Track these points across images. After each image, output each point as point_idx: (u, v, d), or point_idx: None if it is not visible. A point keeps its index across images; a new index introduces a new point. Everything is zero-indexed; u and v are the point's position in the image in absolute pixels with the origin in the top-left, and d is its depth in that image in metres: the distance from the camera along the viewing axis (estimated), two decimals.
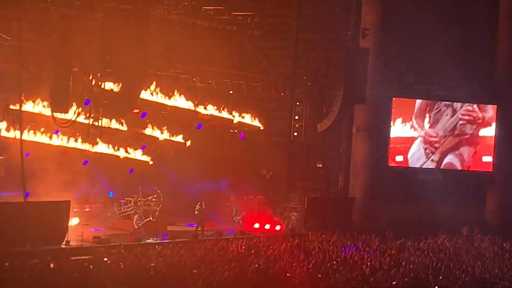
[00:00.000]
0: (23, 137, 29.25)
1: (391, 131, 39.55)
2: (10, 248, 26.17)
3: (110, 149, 34.62)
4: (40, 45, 30.23)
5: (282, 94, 39.25)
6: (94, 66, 30.31)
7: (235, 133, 38.67)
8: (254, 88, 37.71)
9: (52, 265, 23.21)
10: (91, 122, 31.61)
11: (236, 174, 39.99)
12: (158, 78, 34.80)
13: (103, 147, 34.21)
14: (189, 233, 33.23)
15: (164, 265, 23.62)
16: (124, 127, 34.88)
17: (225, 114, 37.70)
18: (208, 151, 39.42)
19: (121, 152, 35.16)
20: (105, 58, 29.44)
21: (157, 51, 32.84)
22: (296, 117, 38.89)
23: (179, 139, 36.76)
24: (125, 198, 35.57)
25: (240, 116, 38.13)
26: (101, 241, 29.71)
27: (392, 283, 23.42)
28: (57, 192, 30.66)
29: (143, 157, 35.94)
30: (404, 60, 39.99)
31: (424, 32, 39.63)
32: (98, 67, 30.13)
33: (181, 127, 36.75)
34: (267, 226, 36.36)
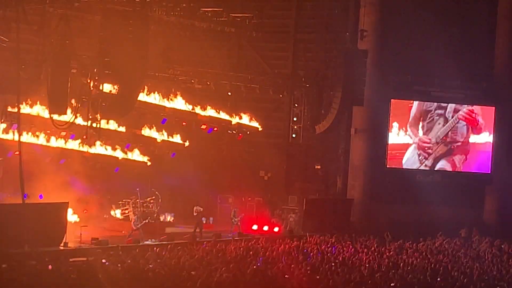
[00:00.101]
0: (22, 138, 29.19)
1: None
2: (8, 249, 26.12)
3: (108, 150, 34.60)
4: (38, 46, 30.17)
5: (281, 95, 39.24)
6: (93, 67, 30.29)
7: (234, 134, 38.65)
8: (253, 90, 37.67)
9: (50, 266, 23.18)
10: (89, 123, 31.55)
11: (234, 175, 39.99)
12: (157, 79, 34.76)
13: (101, 149, 34.18)
14: (187, 235, 33.21)
15: (162, 266, 23.60)
16: (122, 128, 34.85)
17: (223, 115, 37.70)
18: (206, 152, 39.40)
19: (118, 153, 35.12)
20: (104, 59, 29.42)
21: (155, 52, 32.82)
22: (295, 119, 38.89)
23: (177, 140, 36.73)
24: (123, 200, 35.54)
25: (238, 117, 38.12)
26: (99, 242, 29.67)
27: (391, 284, 23.43)
28: (56, 193, 30.67)
29: (142, 158, 35.89)
30: (403, 61, 39.97)
31: (422, 34, 39.65)
32: (96, 68, 30.12)
33: (180, 128, 36.71)
34: (266, 228, 36.32)
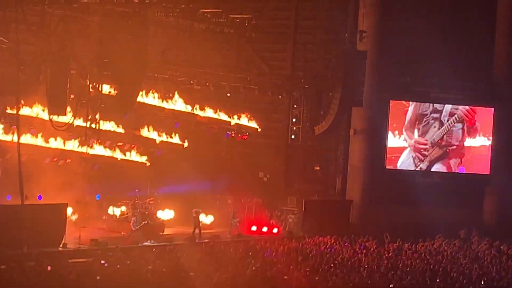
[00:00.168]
0: (20, 140, 29.19)
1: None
2: (7, 250, 26.13)
3: (107, 151, 34.58)
4: (37, 47, 30.13)
5: (280, 96, 39.22)
6: (92, 69, 30.27)
7: (233, 135, 38.62)
8: (252, 91, 37.63)
9: (49, 267, 23.16)
10: (88, 124, 31.53)
11: (233, 176, 39.95)
12: (156, 80, 34.74)
13: (100, 149, 34.16)
14: (186, 236, 33.20)
15: (162, 268, 23.60)
16: (121, 129, 34.83)
17: (223, 116, 37.68)
18: (205, 153, 39.38)
19: (118, 154, 35.11)
20: (103, 60, 29.42)
21: (154, 53, 32.80)
22: (294, 120, 38.90)
23: (176, 140, 36.71)
24: (123, 201, 35.52)
25: (237, 118, 38.11)
26: (98, 243, 29.67)
27: (390, 286, 23.44)
28: (55, 194, 30.66)
29: (140, 159, 35.88)
30: (402, 62, 40.00)
31: (422, 35, 39.62)
32: (95, 69, 30.10)
33: (179, 129, 36.70)
34: (265, 229, 36.33)
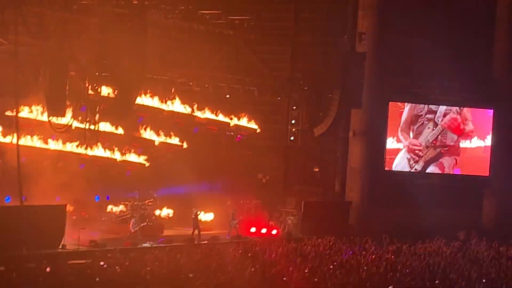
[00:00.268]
0: (19, 141, 29.17)
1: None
2: (6, 252, 26.12)
3: (106, 152, 34.56)
4: (36, 49, 30.16)
5: (279, 98, 39.23)
6: (91, 70, 30.26)
7: (232, 136, 38.63)
8: (251, 92, 37.68)
9: (48, 269, 23.15)
10: (87, 126, 31.53)
11: (232, 178, 39.92)
12: (155, 82, 34.74)
13: (99, 151, 34.13)
14: (186, 237, 33.19)
15: (161, 269, 23.59)
16: (120, 131, 34.81)
17: (222, 117, 37.68)
18: (204, 154, 39.37)
19: (117, 155, 35.09)
20: (102, 62, 29.44)
21: (153, 55, 32.80)
22: (293, 121, 38.92)
23: (175, 141, 36.70)
24: (122, 202, 35.51)
25: (237, 119, 38.11)
26: (97, 245, 29.66)
27: (389, 287, 23.41)
28: (54, 195, 30.64)
29: (139, 159, 35.87)
30: (401, 64, 39.97)
31: (421, 36, 39.62)
32: (94, 71, 30.09)
33: (178, 130, 36.68)
34: (264, 230, 36.31)
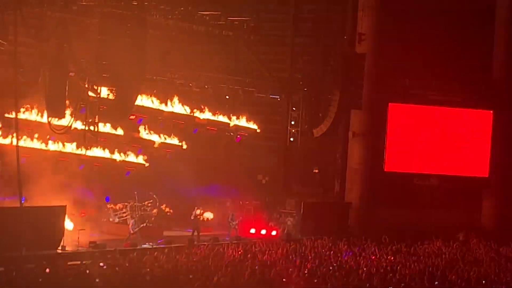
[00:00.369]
0: (19, 143, 29.17)
1: None
2: (5, 252, 26.11)
3: (106, 153, 34.56)
4: (36, 50, 30.16)
5: (279, 99, 39.22)
6: (91, 71, 30.26)
7: (232, 136, 38.63)
8: (251, 93, 37.68)
9: (47, 270, 23.15)
10: (87, 127, 31.52)
11: (232, 179, 39.93)
12: (154, 83, 34.75)
13: (98, 151, 34.14)
14: (185, 238, 33.19)
15: (160, 270, 23.58)
16: (120, 131, 34.80)
17: (221, 118, 37.67)
18: (204, 155, 39.36)
19: (116, 155, 35.09)
20: (102, 63, 29.44)
21: (153, 56, 32.82)
22: (293, 122, 38.92)
23: (175, 142, 36.70)
24: (121, 203, 35.50)
25: (236, 119, 38.11)
26: (97, 246, 29.64)
27: None
28: (53, 196, 30.62)
29: (139, 160, 35.86)
30: (401, 65, 40.02)
31: (420, 37, 39.68)
32: (94, 72, 30.09)
33: (178, 131, 36.68)
34: (263, 231, 36.27)
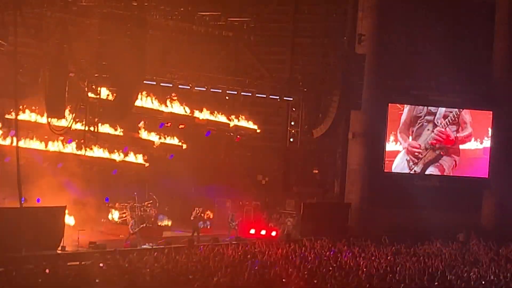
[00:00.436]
0: (19, 143, 29.15)
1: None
2: (5, 253, 26.10)
3: (105, 153, 34.54)
4: (36, 50, 30.16)
5: (278, 99, 39.22)
6: (90, 72, 30.26)
7: (232, 137, 38.63)
8: (251, 94, 37.66)
9: (47, 270, 23.14)
10: (86, 128, 31.51)
11: (232, 179, 39.96)
12: (154, 83, 34.75)
13: (98, 151, 34.12)
14: (185, 239, 33.17)
15: (160, 270, 23.56)
16: (119, 132, 34.79)
17: (221, 118, 37.67)
18: (204, 156, 39.37)
19: (116, 156, 35.07)
20: (101, 63, 29.43)
21: (153, 56, 32.82)
22: (292, 123, 38.93)
23: (175, 142, 36.70)
24: (121, 204, 35.50)
25: (236, 119, 38.11)
26: (97, 246, 29.62)
27: None
28: (53, 197, 30.61)
29: (138, 160, 35.84)
30: (401, 65, 40.05)
31: (420, 38, 39.71)
32: (94, 72, 30.08)
33: (178, 131, 36.68)
34: (263, 232, 36.27)
